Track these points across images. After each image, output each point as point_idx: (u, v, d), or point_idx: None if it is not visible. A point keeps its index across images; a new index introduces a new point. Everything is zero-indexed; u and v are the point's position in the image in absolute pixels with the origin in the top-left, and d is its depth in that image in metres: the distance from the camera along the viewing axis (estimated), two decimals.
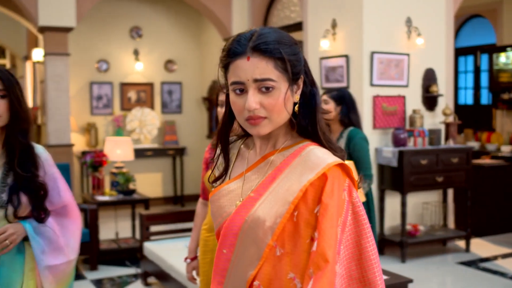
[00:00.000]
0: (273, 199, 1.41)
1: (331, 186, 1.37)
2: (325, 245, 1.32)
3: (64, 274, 2.40)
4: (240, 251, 1.44)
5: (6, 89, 2.24)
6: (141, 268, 5.36)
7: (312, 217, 1.37)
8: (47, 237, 2.34)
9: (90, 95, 8.93)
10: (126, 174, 6.34)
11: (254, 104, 1.39)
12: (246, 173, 1.51)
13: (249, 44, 1.40)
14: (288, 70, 1.41)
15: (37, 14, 6.84)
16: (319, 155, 1.42)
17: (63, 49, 7.03)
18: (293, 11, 7.58)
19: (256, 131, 1.43)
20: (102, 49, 9.01)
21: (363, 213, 1.42)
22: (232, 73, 1.42)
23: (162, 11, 9.41)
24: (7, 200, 2.25)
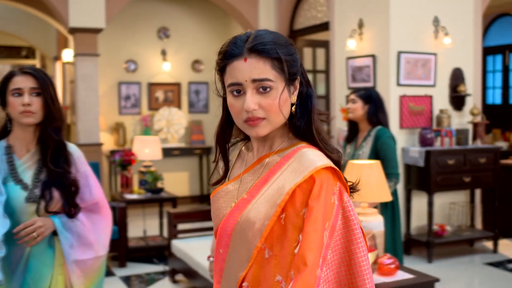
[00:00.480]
0: (264, 201, 1.41)
1: (319, 189, 1.36)
2: (306, 248, 1.31)
3: (92, 269, 2.46)
4: (232, 252, 1.45)
5: (40, 87, 2.33)
6: (168, 266, 5.44)
7: (299, 219, 1.35)
8: (76, 232, 2.41)
9: (119, 95, 9.06)
10: (154, 173, 6.43)
11: (253, 105, 1.39)
12: (243, 174, 1.52)
13: (246, 46, 1.41)
14: (285, 70, 1.41)
15: (68, 15, 6.97)
16: (310, 158, 1.41)
17: (92, 50, 7.15)
18: (319, 11, 7.60)
19: (255, 132, 1.42)
20: (130, 49, 9.14)
21: (354, 218, 1.40)
22: (229, 75, 1.43)
23: (189, 12, 9.50)
24: (40, 195, 2.33)
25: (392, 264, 3.25)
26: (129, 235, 6.51)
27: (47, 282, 2.37)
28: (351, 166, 3.46)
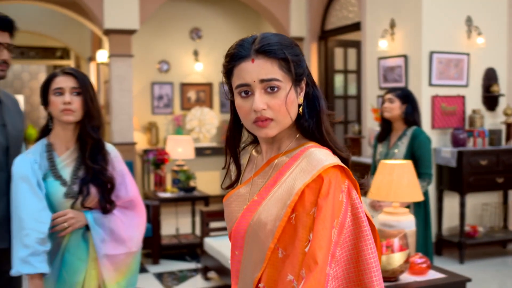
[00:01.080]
0: (274, 202, 1.42)
1: (327, 188, 1.37)
2: (316, 246, 1.32)
3: (123, 264, 2.53)
4: (247, 254, 1.47)
5: (81, 87, 2.43)
6: (201, 263, 5.52)
7: (309, 219, 1.36)
8: (109, 228, 2.48)
9: (152, 95, 9.20)
10: (187, 171, 6.53)
11: (262, 105, 1.40)
12: (254, 177, 1.54)
13: (253, 47, 1.42)
14: (292, 71, 1.43)
15: (103, 17, 7.11)
16: (317, 157, 1.42)
17: (127, 51, 7.28)
18: (351, 11, 7.60)
19: (264, 133, 1.43)
20: (163, 50, 9.27)
21: (363, 215, 1.41)
22: (237, 76, 1.44)
23: (221, 13, 9.59)
24: (77, 191, 2.42)
25: (424, 264, 3.26)
26: (162, 233, 6.62)
27: (82, 276, 2.44)
28: (383, 166, 3.49)
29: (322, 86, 8.25)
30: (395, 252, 3.06)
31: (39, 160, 2.44)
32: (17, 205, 2.37)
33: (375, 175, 3.56)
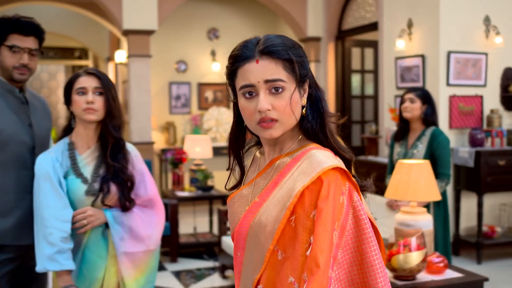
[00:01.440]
0: (274, 204, 1.41)
1: (327, 190, 1.36)
2: (317, 249, 1.31)
3: (142, 262, 2.56)
4: (248, 255, 1.47)
5: (103, 87, 2.49)
6: (218, 262, 5.56)
7: (309, 221, 1.36)
8: (128, 226, 2.52)
9: (169, 95, 9.27)
10: (205, 171, 6.58)
11: (267, 105, 1.40)
12: (256, 178, 1.54)
13: (257, 48, 1.43)
14: (296, 72, 1.43)
15: (122, 18, 7.18)
16: (318, 159, 1.41)
17: (145, 51, 7.34)
18: (368, 11, 7.61)
19: (269, 134, 1.43)
20: (181, 50, 9.33)
21: (365, 217, 1.39)
22: (241, 77, 1.44)
23: (238, 13, 9.63)
24: (98, 189, 2.48)
25: (441, 263, 3.28)
26: (180, 231, 6.67)
27: (101, 273, 2.49)
28: (400, 165, 3.51)
29: (339, 86, 8.26)
30: (413, 251, 3.08)
31: (60, 158, 2.49)
32: (39, 203, 2.44)
33: (392, 175, 3.58)
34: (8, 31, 2.58)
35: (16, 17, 2.59)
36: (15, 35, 2.58)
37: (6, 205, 2.58)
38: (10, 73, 2.61)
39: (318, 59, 8.29)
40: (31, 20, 2.63)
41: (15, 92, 2.66)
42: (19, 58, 2.59)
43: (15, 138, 2.60)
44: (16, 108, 2.65)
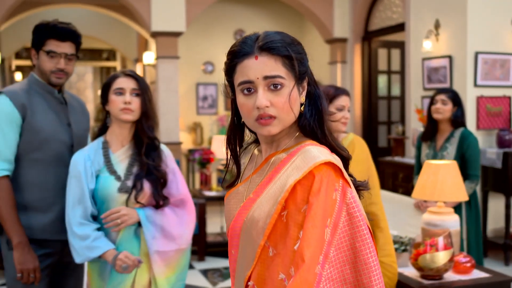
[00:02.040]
0: (267, 199, 1.39)
1: (319, 185, 1.34)
2: (304, 244, 1.29)
3: (173, 260, 2.62)
4: (241, 252, 1.45)
5: (140, 89, 2.58)
6: None
7: (301, 216, 1.33)
8: (160, 225, 2.58)
9: (196, 95, 9.37)
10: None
11: (265, 101, 1.38)
12: (253, 175, 1.52)
13: (256, 44, 1.41)
14: (295, 69, 1.42)
15: (150, 20, 7.29)
16: (312, 154, 1.39)
17: (173, 53, 7.44)
18: (395, 12, 7.61)
19: (267, 131, 1.41)
20: (208, 51, 9.43)
21: (359, 215, 1.36)
22: (240, 73, 1.42)
23: (265, 14, 9.70)
24: (131, 186, 2.55)
25: (468, 263, 3.30)
26: (208, 230, 6.75)
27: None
28: (428, 166, 3.53)
29: (365, 86, 8.28)
30: (439, 251, 3.10)
31: (92, 156, 2.58)
32: (68, 200, 2.55)
33: (419, 175, 3.61)
34: (46, 37, 2.67)
35: (54, 23, 2.68)
36: (52, 41, 2.67)
37: (47, 201, 2.68)
38: (48, 77, 2.70)
39: (344, 60, 8.31)
40: (68, 26, 2.72)
41: (54, 93, 2.76)
42: (56, 63, 2.68)
43: (54, 137, 2.69)
44: (55, 108, 2.74)
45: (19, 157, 2.64)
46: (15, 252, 2.58)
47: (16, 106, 2.60)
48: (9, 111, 2.59)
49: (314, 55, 5.46)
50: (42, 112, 2.68)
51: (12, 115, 2.60)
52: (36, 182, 2.67)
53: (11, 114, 2.60)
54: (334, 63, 8.35)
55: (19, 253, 2.58)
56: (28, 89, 2.70)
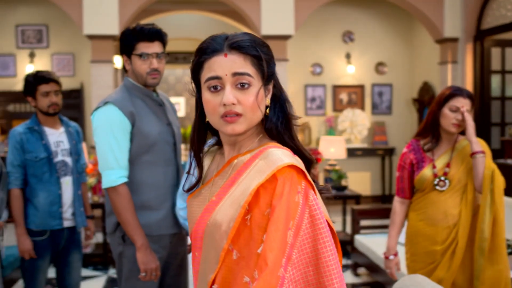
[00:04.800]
0: (230, 203, 1.38)
1: (281, 188, 1.34)
2: (267, 248, 1.29)
3: None
4: (204, 255, 1.44)
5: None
6: (351, 259, 5.71)
7: (264, 220, 1.33)
8: None
9: (305, 97, 9.53)
10: (339, 171, 6.75)
11: (232, 97, 1.38)
12: (215, 177, 1.51)
13: (226, 42, 1.42)
14: (264, 69, 1.42)
15: (260, 24, 7.53)
16: (274, 157, 1.39)
17: (282, 55, 7.64)
18: (510, 10, 7.37)
19: (231, 128, 1.41)
20: (316, 53, 9.56)
21: (321, 217, 1.36)
22: (208, 69, 1.42)
23: (374, 15, 9.68)
24: None
25: None
26: None
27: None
28: None
29: (477, 87, 8.06)
30: None
31: None
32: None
33: None
34: (136, 41, 2.82)
35: (140, 26, 2.83)
36: (142, 43, 2.82)
37: (159, 199, 2.88)
38: (145, 79, 2.85)
39: (455, 60, 8.14)
40: (153, 26, 2.85)
41: (153, 95, 2.93)
42: (149, 64, 2.82)
43: (160, 138, 2.87)
44: (155, 111, 2.92)
45: (131, 161, 2.82)
46: (139, 253, 2.75)
47: (125, 114, 2.76)
48: (120, 119, 2.76)
49: (423, 56, 5.57)
50: (147, 116, 2.85)
51: (123, 123, 2.76)
52: (148, 183, 2.85)
53: (122, 123, 2.76)
54: (444, 64, 8.20)
55: (142, 254, 2.75)
56: (130, 96, 2.85)
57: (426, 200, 3.17)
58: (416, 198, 3.24)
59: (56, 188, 3.62)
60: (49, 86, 3.63)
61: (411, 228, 3.24)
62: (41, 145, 3.60)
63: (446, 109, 3.06)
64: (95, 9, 7.16)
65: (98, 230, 6.70)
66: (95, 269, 5.93)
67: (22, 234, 3.57)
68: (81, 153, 3.82)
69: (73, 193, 3.71)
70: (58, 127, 3.76)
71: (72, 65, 9.34)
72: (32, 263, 3.63)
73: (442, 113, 3.08)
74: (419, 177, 3.15)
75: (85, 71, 9.19)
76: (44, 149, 3.60)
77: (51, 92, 3.63)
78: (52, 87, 3.64)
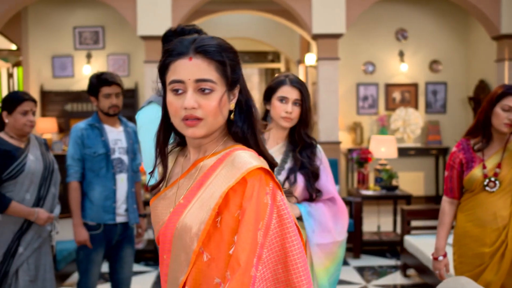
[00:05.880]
0: (199, 206, 1.41)
1: (251, 190, 1.37)
2: (239, 249, 1.33)
3: (331, 252, 2.72)
4: (173, 257, 1.46)
5: (302, 100, 2.73)
6: (400, 260, 5.64)
7: (235, 221, 1.37)
8: (318, 220, 2.71)
9: (357, 95, 9.46)
10: (390, 171, 6.68)
11: (193, 102, 1.40)
12: (180, 179, 1.52)
13: (192, 46, 1.43)
14: (228, 75, 1.44)
15: (311, 23, 7.52)
16: (242, 159, 1.41)
17: (333, 54, 7.61)
18: None
19: (191, 132, 1.43)
20: (368, 52, 9.47)
21: (288, 216, 1.41)
22: (172, 72, 1.43)
23: (428, 12, 9.52)
24: (283, 179, 2.70)
25: None
26: (364, 229, 6.84)
27: None
28: None
29: None
30: None
31: None
32: None
33: None
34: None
35: (181, 27, 2.84)
36: None
37: None
38: None
39: None
40: (194, 27, 2.86)
41: None
42: None
43: None
44: None
45: None
46: None
47: None
48: None
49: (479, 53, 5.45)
50: None
51: None
52: None
53: None
54: (501, 61, 7.99)
55: None
56: None
57: (475, 201, 3.11)
58: (465, 198, 3.18)
59: (111, 184, 3.77)
60: (111, 88, 3.76)
61: (459, 229, 3.19)
62: (100, 142, 3.76)
63: (498, 108, 2.99)
64: (149, 11, 7.32)
65: (150, 227, 6.85)
66: (146, 264, 6.08)
67: (78, 225, 3.73)
68: (137, 152, 3.95)
69: (127, 190, 3.85)
70: (118, 126, 3.92)
71: (127, 65, 9.57)
72: (86, 256, 3.77)
73: (493, 112, 3.02)
74: (469, 178, 3.10)
75: (139, 71, 9.40)
76: (103, 145, 3.75)
77: (112, 94, 3.77)
78: (114, 90, 3.78)
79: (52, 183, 3.56)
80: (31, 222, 3.43)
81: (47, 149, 3.64)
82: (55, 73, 9.52)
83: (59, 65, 9.51)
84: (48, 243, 3.58)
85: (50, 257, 3.58)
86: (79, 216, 3.74)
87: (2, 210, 3.32)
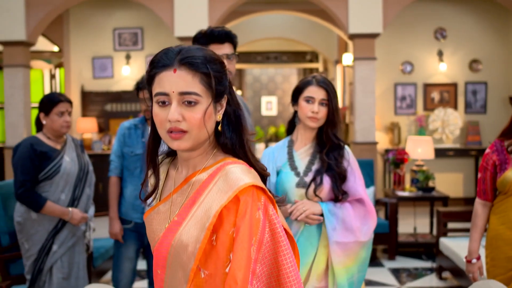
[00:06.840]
0: (194, 224, 1.41)
1: (244, 207, 1.37)
2: (235, 267, 1.34)
3: (352, 252, 2.71)
4: (170, 274, 1.46)
5: (329, 99, 2.73)
6: (436, 263, 5.58)
7: (229, 239, 1.37)
8: (340, 218, 2.69)
9: (394, 95, 9.37)
10: (426, 172, 6.59)
11: (177, 115, 1.39)
12: (173, 195, 1.52)
13: (177, 57, 1.41)
14: (213, 87, 1.42)
15: (348, 23, 7.49)
16: (234, 176, 1.41)
17: (370, 54, 7.56)
18: None
19: (177, 145, 1.42)
20: (406, 51, 9.37)
21: (280, 230, 1.42)
22: (158, 84, 1.42)
23: (468, 11, 9.36)
24: (309, 181, 2.72)
25: None
26: (399, 230, 6.78)
27: (310, 259, 2.70)
28: None
29: None
30: None
31: (276, 153, 2.82)
32: None
33: None
34: (207, 43, 2.92)
35: (210, 29, 2.93)
36: (213, 45, 2.92)
37: None
38: None
39: None
40: (223, 29, 2.94)
41: None
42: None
43: None
44: None
45: None
46: None
47: None
48: None
49: None
50: None
51: None
52: None
53: None
54: None
55: None
56: None
57: (508, 203, 3.06)
58: (498, 201, 3.13)
59: None
60: None
61: (492, 232, 3.14)
62: (140, 142, 3.84)
63: None
64: (186, 12, 7.40)
65: None
66: None
67: (114, 218, 3.84)
68: None
69: None
70: None
71: None
72: (118, 249, 3.88)
73: None
74: (502, 179, 3.05)
75: None
76: (142, 146, 3.83)
77: None
78: None
79: (87, 184, 3.65)
80: (66, 222, 3.53)
81: (82, 151, 3.74)
82: (95, 74, 9.71)
83: (99, 66, 9.70)
84: (81, 242, 3.68)
85: (83, 255, 3.68)
86: (115, 210, 3.83)
87: (37, 210, 3.43)
